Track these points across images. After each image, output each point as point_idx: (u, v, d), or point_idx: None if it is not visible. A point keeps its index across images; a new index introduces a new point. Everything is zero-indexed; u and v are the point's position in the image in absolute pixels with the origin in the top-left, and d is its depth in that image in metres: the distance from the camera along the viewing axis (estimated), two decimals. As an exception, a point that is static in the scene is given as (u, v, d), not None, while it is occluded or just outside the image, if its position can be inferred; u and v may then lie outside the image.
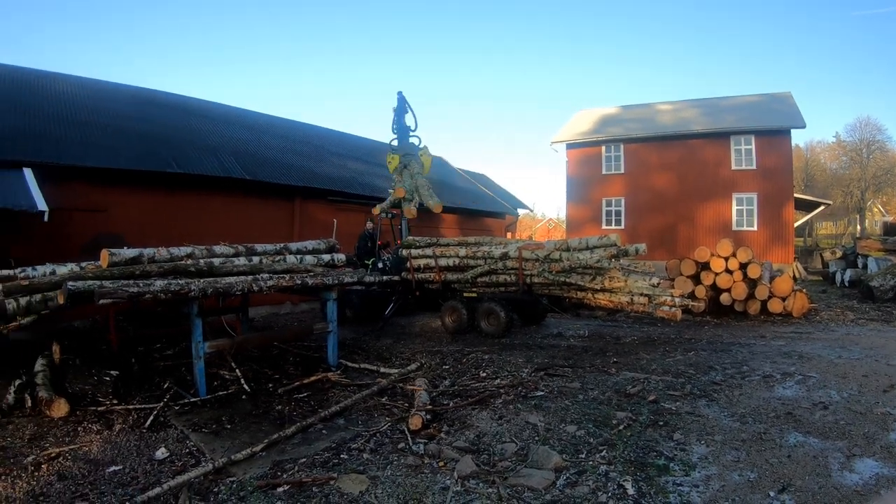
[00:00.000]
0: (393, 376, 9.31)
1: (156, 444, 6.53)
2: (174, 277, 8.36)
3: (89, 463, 5.93)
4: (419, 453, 6.02)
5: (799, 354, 10.13)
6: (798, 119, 28.77)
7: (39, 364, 8.50)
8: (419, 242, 14.58)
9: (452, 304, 13.76)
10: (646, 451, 5.78)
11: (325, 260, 11.19)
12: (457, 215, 28.16)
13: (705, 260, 15.05)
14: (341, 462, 5.87)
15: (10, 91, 16.31)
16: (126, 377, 9.14)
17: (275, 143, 22.26)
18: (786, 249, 28.11)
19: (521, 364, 10.10)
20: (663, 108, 35.80)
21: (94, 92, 18.97)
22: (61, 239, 12.81)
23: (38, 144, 13.84)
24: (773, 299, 14.55)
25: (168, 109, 20.79)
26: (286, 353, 11.43)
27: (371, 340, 13.00)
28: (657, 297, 11.32)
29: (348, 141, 27.27)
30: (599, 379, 8.88)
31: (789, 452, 5.57)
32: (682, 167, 30.78)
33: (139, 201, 15.08)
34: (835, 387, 7.90)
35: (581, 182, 34.13)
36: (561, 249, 12.19)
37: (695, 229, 29.74)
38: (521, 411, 7.31)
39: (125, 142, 16.00)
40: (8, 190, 11.52)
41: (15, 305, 7.82)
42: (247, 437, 6.71)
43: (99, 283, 7.39)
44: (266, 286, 9.04)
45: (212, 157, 17.73)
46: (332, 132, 28.19)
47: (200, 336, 8.30)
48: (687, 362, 9.84)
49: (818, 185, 64.24)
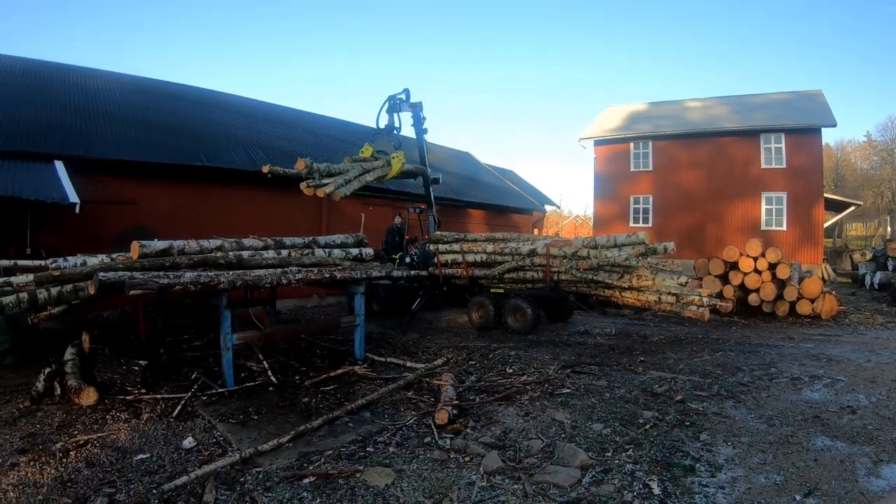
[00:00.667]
0: (419, 371, 9.36)
1: (183, 433, 6.60)
2: (203, 269, 8.41)
3: (117, 450, 6.00)
4: (445, 448, 6.04)
5: (827, 357, 10.05)
6: (829, 117, 28.40)
7: (69, 353, 8.59)
8: (447, 238, 14.60)
9: (479, 300, 13.79)
10: (672, 451, 5.77)
11: (354, 254, 11.23)
12: (484, 211, 28.18)
13: (734, 260, 14.97)
14: (367, 455, 5.91)
15: (41, 86, 16.58)
16: (154, 367, 9.27)
17: (302, 136, 22.38)
18: (815, 250, 27.78)
19: (547, 361, 10.11)
20: (692, 105, 35.48)
21: (122, 85, 19.22)
22: (91, 231, 13.02)
23: (69, 138, 14.05)
24: (802, 301, 14.43)
25: (195, 103, 21.00)
26: (313, 346, 11.52)
27: (397, 335, 13.06)
28: (685, 296, 11.26)
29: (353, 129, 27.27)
30: (626, 377, 8.88)
31: (816, 456, 5.54)
32: (711, 165, 30.50)
33: (169, 194, 15.23)
34: (863, 391, 7.83)
35: (609, 179, 33.93)
36: (589, 247, 12.14)
37: (723, 228, 29.50)
38: (547, 408, 7.32)
39: (154, 135, 16.19)
40: (40, 182, 11.68)
41: (46, 295, 7.92)
42: (273, 429, 6.76)
43: (129, 274, 7.47)
44: (295, 279, 9.09)
45: (240, 151, 17.87)
46: (358, 126, 28.17)
47: (229, 328, 8.39)
48: (714, 363, 9.80)
49: (848, 185, 63.49)
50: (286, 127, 23.05)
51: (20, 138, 13.19)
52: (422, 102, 15.48)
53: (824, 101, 30.46)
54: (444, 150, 33.63)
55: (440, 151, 32.55)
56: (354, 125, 28.16)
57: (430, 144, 32.13)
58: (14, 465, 5.56)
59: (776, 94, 33.69)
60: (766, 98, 33.22)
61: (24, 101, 15.05)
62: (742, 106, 32.86)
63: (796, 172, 28.26)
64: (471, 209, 27.14)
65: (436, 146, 33.11)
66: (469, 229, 24.98)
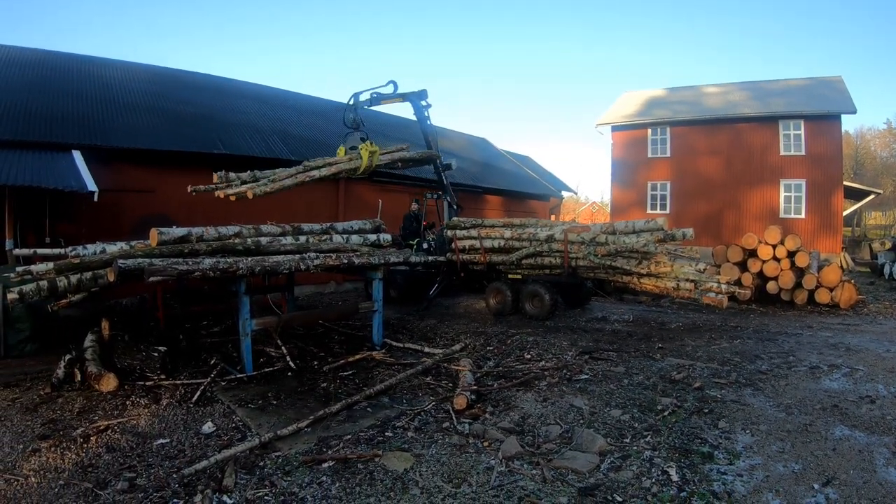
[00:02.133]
0: (437, 356, 9.40)
1: (203, 418, 6.67)
2: (222, 256, 8.47)
3: (137, 436, 6.07)
4: (464, 433, 6.09)
5: (846, 346, 10.01)
6: (849, 104, 28.07)
7: (89, 340, 8.67)
8: (464, 224, 14.58)
9: (497, 286, 13.81)
10: (690, 438, 5.79)
11: (371, 240, 11.26)
12: (501, 197, 28.14)
13: (752, 247, 14.89)
14: (386, 440, 5.95)
15: (58, 76, 16.72)
16: (173, 353, 9.32)
17: (318, 123, 22.38)
18: (834, 239, 27.54)
19: (565, 347, 10.13)
20: (710, 90, 35.17)
21: (137, 74, 19.33)
22: (110, 219, 13.11)
23: (86, 127, 14.14)
24: (821, 289, 14.35)
25: (211, 91, 21.06)
26: (331, 332, 11.59)
27: (415, 320, 13.11)
28: (703, 283, 11.22)
29: (393, 122, 27.21)
30: (644, 364, 8.89)
31: (834, 445, 5.54)
32: (729, 152, 30.21)
33: (186, 182, 15.28)
34: (882, 381, 7.80)
35: (626, 165, 33.73)
36: (607, 232, 12.12)
37: (741, 215, 29.27)
38: (565, 394, 7.35)
39: (170, 124, 16.28)
40: (58, 172, 11.76)
41: (66, 283, 7.99)
42: (292, 414, 6.82)
43: (149, 261, 7.51)
44: (313, 265, 9.12)
45: (258, 139, 17.92)
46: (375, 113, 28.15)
47: (248, 313, 8.44)
48: (733, 350, 9.79)
49: (868, 173, 62.88)
50: (301, 113, 23.06)
51: (38, 128, 13.30)
52: (425, 90, 15.29)
53: (844, 88, 30.11)
54: (461, 137, 33.59)
55: (457, 138, 32.53)
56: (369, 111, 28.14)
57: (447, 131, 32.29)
58: (35, 450, 5.64)
59: (795, 80, 33.33)
60: (785, 84, 32.88)
61: (41, 92, 15.16)
62: (761, 92, 32.52)
63: (815, 160, 27.99)
64: (488, 195, 27.08)
65: (453, 132, 33.12)
66: (486, 215, 24.94)
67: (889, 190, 56.81)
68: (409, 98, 15.19)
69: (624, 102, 36.56)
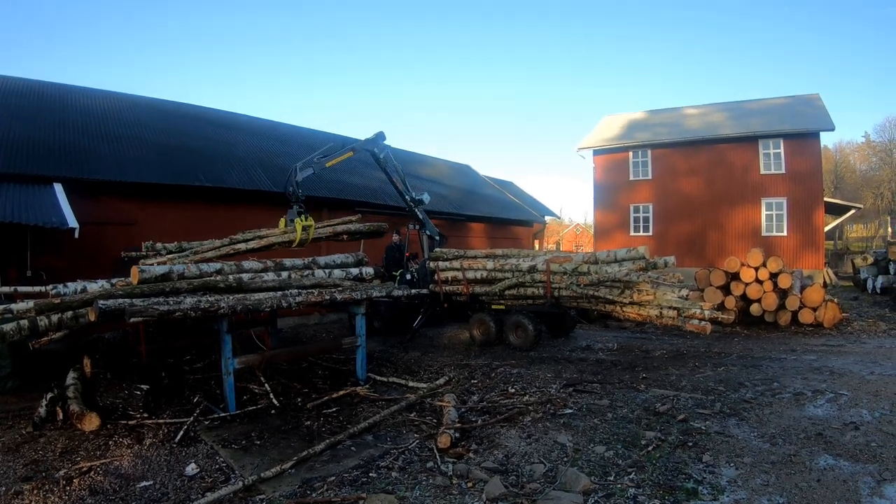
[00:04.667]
0: (421, 391, 9.39)
1: (186, 459, 6.63)
2: (204, 293, 8.43)
3: (120, 478, 6.03)
4: (448, 473, 6.03)
5: (830, 370, 10.02)
6: (826, 121, 28.50)
7: (71, 377, 8.62)
8: (447, 255, 14.59)
9: (480, 317, 13.78)
10: (675, 474, 5.76)
11: (354, 274, 11.24)
12: (484, 224, 28.28)
13: (735, 270, 14.96)
14: (370, 481, 5.91)
15: (39, 106, 16.74)
16: (156, 391, 9.28)
17: (300, 153, 22.32)
18: (816, 255, 27.79)
19: (549, 379, 10.10)
20: (690, 112, 35.58)
21: (120, 104, 19.42)
22: (92, 252, 13.12)
23: (68, 159, 14.17)
24: (805, 310, 14.42)
25: (194, 121, 21.18)
26: (315, 366, 11.57)
27: (399, 352, 13.09)
28: (687, 310, 11.24)
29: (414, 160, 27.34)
30: (628, 396, 8.86)
31: (819, 476, 5.53)
32: (711, 172, 30.52)
33: (168, 214, 15.31)
34: (866, 406, 7.81)
35: (608, 188, 33.96)
36: (589, 262, 12.16)
37: (724, 235, 29.53)
38: (549, 430, 7.32)
39: (153, 155, 16.33)
40: (39, 206, 11.75)
41: (46, 322, 7.91)
42: (276, 454, 6.78)
43: (129, 302, 7.48)
44: (295, 302, 9.08)
45: (239, 170, 17.96)
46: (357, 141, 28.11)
47: (230, 352, 8.40)
48: (717, 378, 9.78)
49: (848, 186, 63.48)
50: (284, 143, 23.18)
51: (19, 160, 13.30)
52: (381, 133, 15.06)
53: (822, 105, 30.56)
54: (444, 164, 33.74)
55: (440, 164, 32.69)
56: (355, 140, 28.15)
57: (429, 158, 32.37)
58: (18, 493, 5.60)
59: (773, 98, 33.79)
60: (764, 103, 33.30)
61: (23, 122, 15.19)
62: (740, 112, 32.92)
63: (796, 177, 28.29)
64: (471, 222, 27.21)
65: (436, 159, 33.28)
66: (470, 243, 25.03)
67: (869, 202, 57.33)
68: (363, 149, 14.90)
69: (605, 126, 36.85)
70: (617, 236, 32.00)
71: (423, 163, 30.94)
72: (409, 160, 29.40)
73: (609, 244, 30.91)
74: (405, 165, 15.93)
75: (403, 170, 15.46)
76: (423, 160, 31.81)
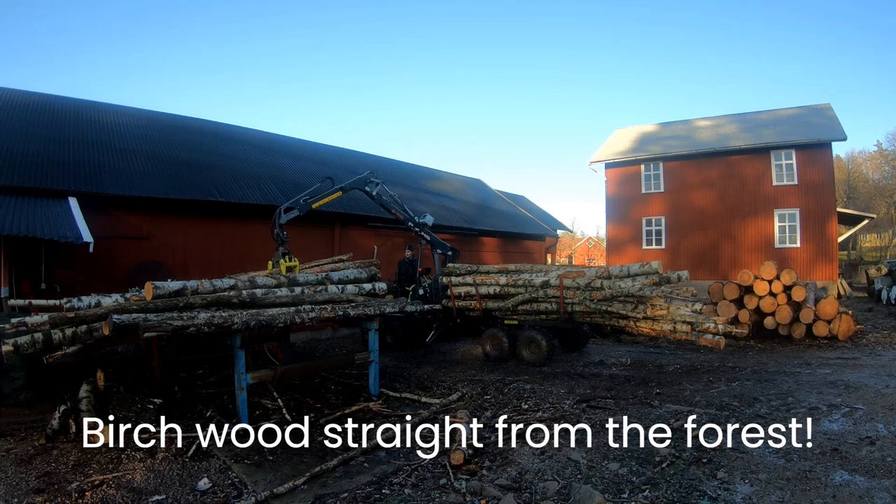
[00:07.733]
0: (434, 406, 9.38)
1: (198, 473, 6.64)
2: (217, 309, 8.51)
3: (132, 491, 6.04)
4: (461, 490, 6.01)
5: (845, 384, 9.97)
6: (838, 131, 28.44)
7: (84, 390, 8.62)
8: (460, 270, 14.64)
9: (493, 332, 13.79)
10: (689, 491, 5.72)
11: (367, 289, 11.28)
12: (497, 238, 28.26)
13: (748, 283, 14.92)
14: (383, 497, 5.90)
15: (54, 121, 16.91)
16: (169, 405, 9.34)
17: (313, 168, 22.52)
18: (830, 266, 27.64)
19: (562, 395, 10.07)
20: (702, 124, 35.57)
21: (134, 119, 19.57)
22: (105, 265, 13.26)
23: (82, 173, 14.30)
24: (819, 322, 14.35)
25: (207, 136, 21.31)
26: (327, 381, 11.56)
27: (412, 368, 13.09)
28: (700, 324, 11.20)
29: (388, 166, 27.36)
30: (642, 412, 8.81)
31: (834, 492, 5.49)
32: (723, 184, 30.48)
33: (182, 228, 15.42)
34: (882, 419, 7.76)
35: (620, 201, 33.98)
36: (602, 277, 12.14)
37: (737, 247, 29.45)
38: (563, 447, 7.29)
39: (167, 170, 16.46)
40: (53, 220, 11.84)
41: (60, 335, 7.97)
42: (289, 469, 6.78)
43: (144, 317, 7.52)
44: (308, 318, 9.08)
45: (252, 185, 18.04)
46: (369, 157, 28.31)
47: (243, 367, 8.40)
48: (731, 393, 9.74)
49: (861, 196, 62.96)
50: (296, 159, 23.26)
51: (34, 174, 13.45)
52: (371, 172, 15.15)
53: (833, 115, 30.50)
54: (455, 178, 33.81)
55: (452, 179, 32.76)
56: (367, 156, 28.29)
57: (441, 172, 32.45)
58: (30, 504, 5.59)
59: (785, 109, 33.76)
60: (775, 114, 33.26)
61: (37, 136, 15.37)
62: (751, 123, 32.89)
63: (808, 188, 28.22)
64: (483, 237, 27.18)
65: (448, 174, 33.33)
66: (482, 257, 25.02)
67: (882, 211, 56.83)
68: (353, 188, 14.96)
69: (616, 139, 36.86)
70: (629, 250, 32.00)
71: (435, 177, 31.06)
72: (421, 175, 29.57)
73: (622, 257, 30.91)
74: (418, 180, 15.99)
75: (416, 185, 15.51)
76: (435, 174, 31.91)
